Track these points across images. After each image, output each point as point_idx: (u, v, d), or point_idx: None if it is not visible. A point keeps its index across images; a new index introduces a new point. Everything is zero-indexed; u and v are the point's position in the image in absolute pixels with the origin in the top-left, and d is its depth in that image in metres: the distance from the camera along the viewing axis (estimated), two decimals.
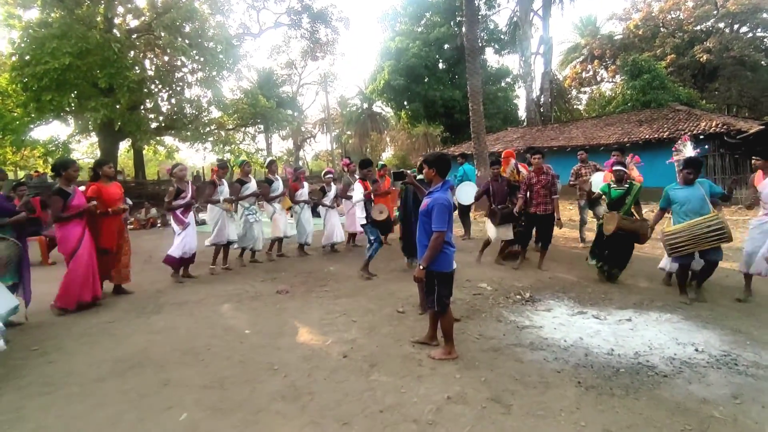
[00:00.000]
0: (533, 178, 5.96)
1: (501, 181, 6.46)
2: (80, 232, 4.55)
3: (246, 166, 6.79)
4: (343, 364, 3.27)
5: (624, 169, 5.42)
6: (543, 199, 5.91)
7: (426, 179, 3.37)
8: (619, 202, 5.29)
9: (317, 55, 20.03)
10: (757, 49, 27.22)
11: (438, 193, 3.20)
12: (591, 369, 3.13)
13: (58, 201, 4.44)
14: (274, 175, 7.25)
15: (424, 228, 3.25)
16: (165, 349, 3.58)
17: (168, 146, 21.46)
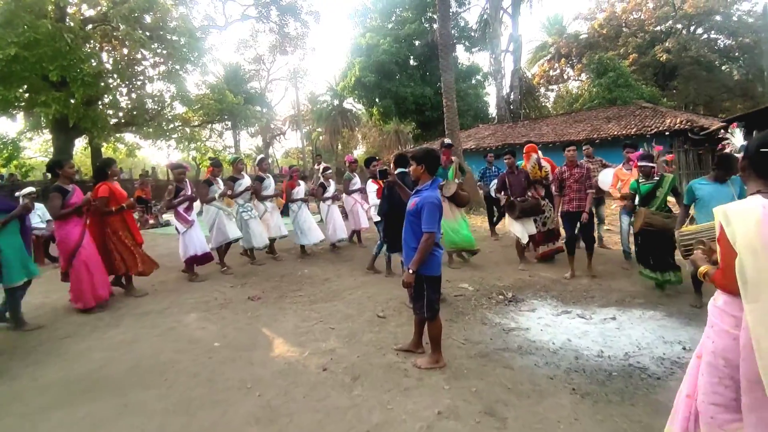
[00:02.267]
0: (566, 172, 5.56)
1: (517, 172, 6.11)
2: (81, 231, 4.48)
3: (239, 163, 6.69)
4: (323, 379, 3.03)
5: (651, 164, 4.89)
6: (577, 194, 5.46)
7: (413, 177, 3.14)
8: (649, 196, 4.81)
9: (287, 50, 19.47)
10: (711, 50, 28.52)
11: (427, 192, 2.99)
12: (583, 373, 3.01)
13: (57, 198, 4.35)
14: (265, 173, 7.04)
15: (411, 229, 3.02)
16: (124, 368, 3.23)
17: (128, 143, 20.46)
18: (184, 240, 5.74)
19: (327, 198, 7.47)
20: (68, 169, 4.53)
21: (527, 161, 6.31)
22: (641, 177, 4.93)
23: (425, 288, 3.03)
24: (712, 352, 1.68)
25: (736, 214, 1.54)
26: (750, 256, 1.44)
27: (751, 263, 1.44)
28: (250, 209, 6.63)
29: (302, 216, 7.19)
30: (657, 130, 13.08)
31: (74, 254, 4.43)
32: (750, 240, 1.45)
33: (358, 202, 7.71)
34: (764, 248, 1.42)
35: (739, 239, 1.48)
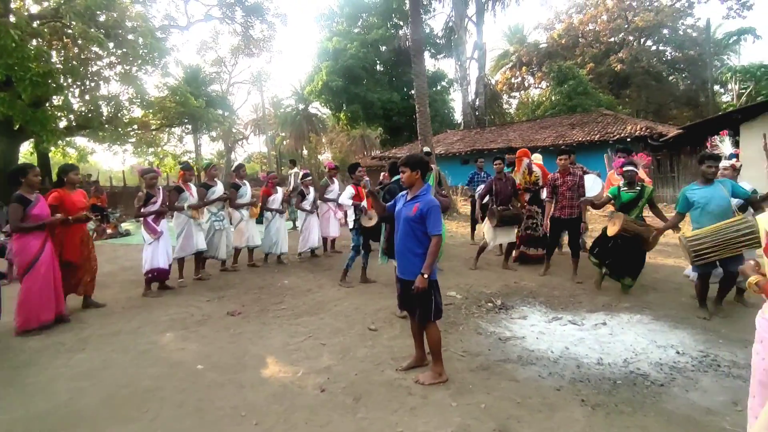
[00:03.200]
0: (558, 179, 5.60)
1: (505, 180, 6.09)
2: (40, 245, 4.16)
3: (213, 169, 6.44)
4: (323, 401, 2.83)
5: (635, 169, 4.93)
6: (568, 202, 5.51)
7: (407, 183, 3.06)
8: (630, 205, 4.87)
9: (252, 51, 18.92)
10: (660, 61, 30.35)
11: (427, 197, 2.99)
12: (588, 383, 2.97)
13: (17, 209, 4.08)
14: (242, 180, 6.74)
15: (414, 235, 2.96)
16: (96, 400, 2.89)
17: (80, 148, 19.22)
18: (148, 251, 5.34)
19: (305, 207, 7.27)
20: (32, 177, 4.23)
21: (519, 166, 6.31)
22: (623, 184, 4.98)
23: (432, 291, 2.97)
24: (764, 370, 1.63)
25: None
26: None
27: None
28: (222, 218, 6.34)
29: (275, 225, 6.97)
30: (619, 137, 13.66)
31: (30, 267, 4.10)
32: None
33: (331, 210, 7.58)
34: None
35: None
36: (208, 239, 6.16)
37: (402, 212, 3.04)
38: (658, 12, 27.63)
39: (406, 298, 3.09)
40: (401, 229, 3.03)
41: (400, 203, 3.15)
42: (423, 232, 2.92)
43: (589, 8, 31.41)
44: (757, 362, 1.68)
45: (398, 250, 3.08)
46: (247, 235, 6.77)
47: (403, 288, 3.10)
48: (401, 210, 3.07)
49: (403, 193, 3.21)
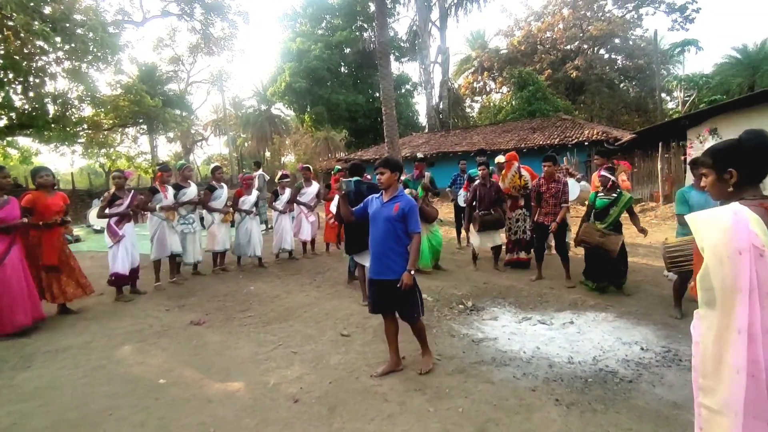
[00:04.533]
0: (542, 186, 5.54)
1: (489, 186, 6.09)
2: (5, 248, 4.06)
3: (186, 170, 6.25)
4: (297, 413, 2.71)
5: (610, 176, 4.91)
6: (552, 209, 5.49)
7: (386, 184, 3.10)
8: (603, 212, 4.87)
9: (212, 50, 18.30)
10: (612, 68, 31.90)
11: (405, 197, 3.12)
12: (562, 383, 3.00)
13: None
14: (219, 183, 6.55)
15: (396, 234, 3.03)
16: (43, 423, 2.64)
17: (23, 148, 17.97)
18: (109, 255, 5.22)
19: (278, 207, 7.25)
20: (1, 179, 4.10)
21: (509, 170, 6.30)
22: (601, 190, 5.00)
23: (416, 288, 3.07)
24: None
25: (704, 221, 1.49)
26: (716, 264, 1.40)
27: (716, 271, 1.40)
28: (192, 221, 6.13)
29: (245, 227, 6.78)
30: (577, 141, 14.21)
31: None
32: (716, 248, 1.41)
33: (303, 213, 7.54)
34: (730, 257, 1.38)
35: (706, 246, 1.44)
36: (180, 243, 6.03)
37: (381, 213, 3.05)
38: (611, 22, 29.04)
39: (386, 299, 3.08)
40: (381, 230, 3.04)
41: (374, 204, 3.13)
42: (403, 231, 3.02)
43: (547, 17, 32.58)
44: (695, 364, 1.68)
45: (377, 251, 3.06)
46: (219, 239, 6.60)
47: (381, 289, 3.07)
48: (379, 211, 3.07)
49: (374, 195, 3.19)
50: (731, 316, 1.38)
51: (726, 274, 1.38)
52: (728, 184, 1.57)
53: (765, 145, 1.55)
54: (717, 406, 1.42)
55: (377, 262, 3.07)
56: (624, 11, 30.23)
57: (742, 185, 1.56)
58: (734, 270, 1.37)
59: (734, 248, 1.37)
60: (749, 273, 1.35)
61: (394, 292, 3.00)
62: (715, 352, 1.42)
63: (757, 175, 1.56)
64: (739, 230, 1.39)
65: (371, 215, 3.12)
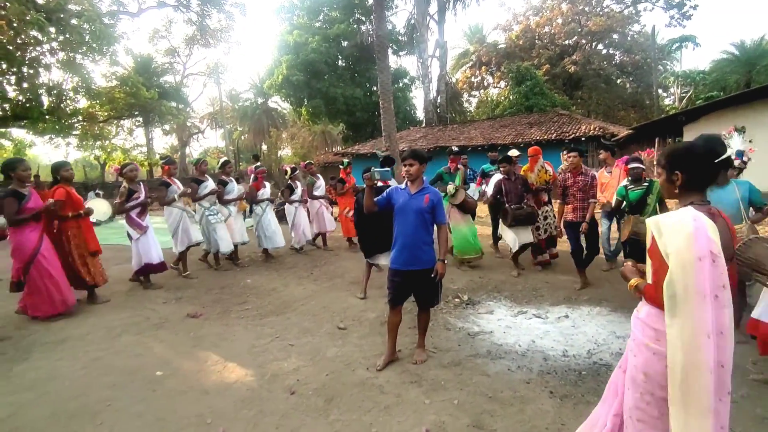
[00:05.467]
0: (568, 179, 5.13)
1: (515, 179, 5.81)
2: (38, 237, 4.27)
3: (203, 164, 6.42)
4: (294, 404, 2.74)
5: (641, 165, 4.65)
6: (580, 204, 5.09)
7: (415, 176, 3.14)
8: (640, 204, 4.57)
9: (209, 42, 18.15)
10: (610, 64, 31.91)
11: (432, 188, 3.20)
12: (556, 375, 3.04)
13: (12, 203, 4.13)
14: (229, 177, 6.65)
15: (426, 225, 3.13)
16: (42, 414, 2.66)
17: (16, 140, 17.82)
18: (137, 247, 5.30)
19: (294, 200, 7.40)
20: (21, 172, 4.25)
21: (534, 164, 6.04)
22: (629, 181, 4.71)
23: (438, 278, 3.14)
24: (634, 366, 1.66)
25: (668, 226, 1.51)
26: (680, 271, 1.42)
27: (681, 277, 1.42)
28: (216, 212, 6.27)
29: (266, 219, 6.93)
30: (574, 136, 14.24)
31: (31, 261, 4.20)
32: (681, 254, 1.43)
33: (323, 206, 7.67)
34: (693, 263, 1.40)
35: (671, 252, 1.46)
36: (206, 234, 6.22)
37: (410, 204, 3.11)
38: (609, 17, 29.00)
39: (410, 289, 3.22)
40: (412, 221, 3.10)
41: (400, 196, 3.17)
42: (431, 222, 3.13)
43: (546, 11, 32.50)
44: (630, 359, 1.71)
45: (408, 242, 3.12)
46: (236, 231, 6.66)
47: (408, 280, 3.16)
48: (408, 202, 3.12)
49: (396, 186, 3.23)
50: (701, 321, 1.40)
51: (689, 281, 1.40)
52: (674, 186, 1.63)
53: (713, 152, 1.59)
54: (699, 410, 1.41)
55: (407, 253, 3.12)
56: (622, 6, 30.18)
57: (688, 189, 1.61)
58: (697, 276, 1.39)
59: (696, 255, 1.40)
60: (709, 278, 1.39)
61: (421, 281, 3.13)
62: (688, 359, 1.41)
63: (702, 181, 1.60)
64: (700, 237, 1.41)
65: (399, 207, 3.15)
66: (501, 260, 6.52)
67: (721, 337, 1.40)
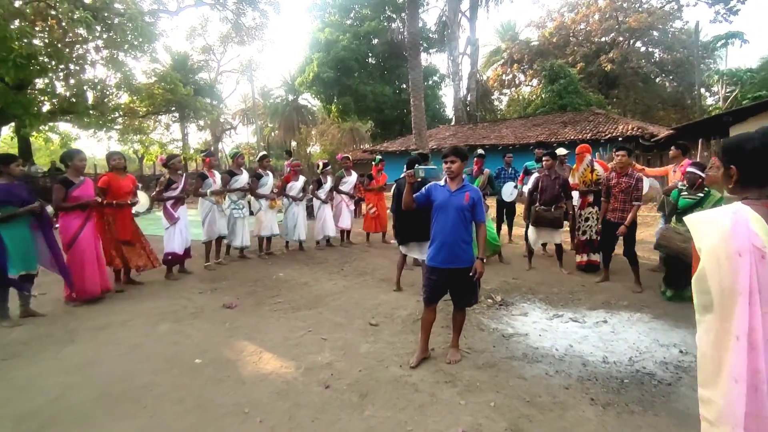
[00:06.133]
0: (613, 179, 5.07)
1: (554, 177, 5.64)
2: (80, 224, 4.51)
3: (239, 158, 6.56)
4: (328, 398, 2.75)
5: (697, 172, 4.40)
6: (621, 205, 5.01)
7: (455, 173, 3.13)
8: (686, 213, 4.17)
9: (244, 39, 18.52)
10: (649, 62, 30.71)
11: (472, 186, 3.21)
12: (596, 382, 2.94)
13: (60, 190, 4.44)
14: (265, 170, 6.81)
15: (465, 223, 3.10)
16: (89, 396, 2.76)
17: (63, 133, 18.65)
18: (165, 236, 5.52)
19: (320, 195, 7.46)
20: (78, 162, 4.58)
21: (580, 163, 5.86)
22: (685, 187, 4.50)
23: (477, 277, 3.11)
24: None
25: (703, 221, 1.40)
26: (714, 266, 1.31)
27: (714, 274, 1.31)
28: (242, 207, 6.42)
29: (292, 212, 7.09)
30: (610, 136, 13.78)
31: (71, 244, 4.45)
32: (714, 249, 1.32)
33: (344, 201, 7.72)
34: (728, 259, 1.28)
35: (703, 248, 1.35)
36: (228, 227, 6.33)
37: (451, 202, 3.09)
38: (650, 13, 27.90)
39: (448, 287, 3.21)
40: (452, 219, 3.08)
41: (440, 193, 3.15)
42: (470, 220, 3.12)
43: (582, 7, 31.57)
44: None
45: (448, 240, 3.09)
46: (266, 224, 6.81)
47: (446, 278, 3.14)
48: (448, 200, 3.10)
49: (436, 183, 3.21)
50: (730, 320, 1.29)
51: (724, 277, 1.29)
52: (731, 182, 1.49)
53: None
54: (714, 417, 1.32)
55: (447, 251, 3.09)
56: (664, 2, 28.98)
57: (744, 185, 1.46)
58: (733, 272, 1.27)
59: (733, 249, 1.28)
60: (749, 275, 1.26)
61: (459, 280, 3.12)
62: (714, 360, 1.33)
63: (759, 176, 1.43)
64: (739, 231, 1.29)
65: (438, 204, 3.13)
66: (537, 262, 6.30)
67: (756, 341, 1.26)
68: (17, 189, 4.06)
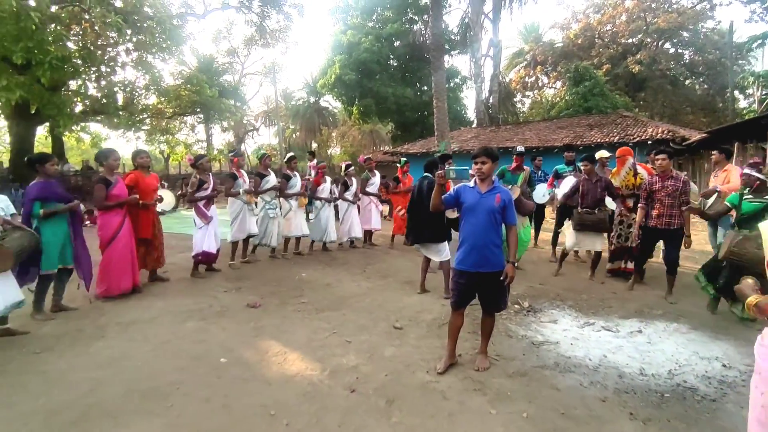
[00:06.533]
0: (656, 183, 4.78)
1: (596, 181, 5.42)
2: (120, 221, 4.67)
3: (266, 159, 6.64)
4: (355, 403, 2.69)
5: (756, 174, 4.06)
6: (667, 210, 4.68)
7: (486, 174, 3.04)
8: (752, 219, 3.86)
9: (268, 42, 18.75)
10: (678, 64, 29.80)
11: (502, 187, 3.14)
12: (635, 395, 2.80)
13: (101, 189, 4.57)
14: (293, 172, 6.88)
15: (496, 226, 3.02)
16: (118, 391, 2.78)
17: (93, 133, 19.24)
18: (198, 234, 5.58)
19: (348, 197, 7.47)
20: (112, 162, 4.72)
21: (621, 166, 5.61)
22: (748, 190, 4.14)
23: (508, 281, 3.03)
24: (763, 407, 1.38)
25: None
26: None
27: None
28: (275, 207, 6.53)
29: (324, 214, 7.13)
30: (639, 139, 13.38)
31: (110, 242, 4.60)
32: None
33: (373, 202, 7.72)
34: None
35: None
36: (261, 227, 6.40)
37: (482, 204, 3.00)
38: (681, 13, 27.08)
39: (477, 291, 3.12)
40: (483, 222, 2.99)
41: (469, 195, 3.07)
42: (500, 222, 3.03)
43: (608, 8, 30.87)
44: (755, 397, 1.42)
45: (478, 243, 3.01)
46: (296, 224, 6.86)
47: (475, 282, 3.06)
48: (479, 202, 3.02)
49: (465, 185, 3.13)
50: None
51: None
52: None
53: None
54: None
55: (477, 254, 3.01)
56: (695, 1, 28.10)
57: None
58: None
59: None
60: None
61: (489, 284, 3.03)
62: None
63: None
64: None
65: (468, 206, 3.05)
66: (565, 267, 6.11)
67: None
68: (55, 187, 4.20)
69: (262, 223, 6.42)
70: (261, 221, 6.42)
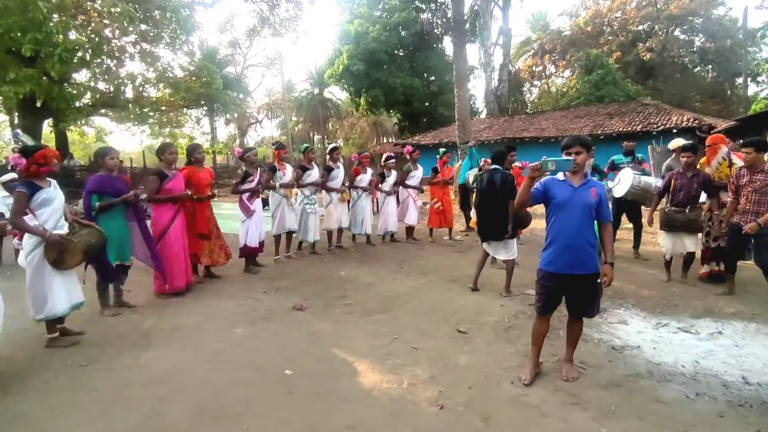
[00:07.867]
0: (743, 177, 4.32)
1: (693, 175, 4.89)
2: (171, 216, 4.52)
3: (310, 152, 6.53)
4: (447, 422, 2.44)
5: None
6: (755, 207, 4.20)
7: (579, 166, 2.75)
8: None
9: (278, 31, 18.30)
10: (688, 50, 29.34)
11: (595, 180, 2.89)
12: (752, 409, 2.55)
13: (154, 182, 4.47)
14: (336, 164, 6.63)
15: (591, 223, 2.76)
16: (185, 413, 2.51)
17: (97, 127, 18.90)
18: (242, 228, 5.51)
19: (384, 188, 7.25)
20: (169, 155, 4.60)
21: (712, 156, 5.01)
22: None
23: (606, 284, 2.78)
24: None
25: None
26: None
27: None
28: (314, 202, 6.32)
29: (360, 205, 6.88)
30: (663, 128, 13.05)
31: (161, 236, 4.48)
32: None
33: (411, 197, 7.36)
34: None
35: None
36: (300, 222, 6.23)
37: (576, 199, 2.72)
38: None
39: (567, 294, 2.86)
40: (578, 218, 2.72)
41: (561, 189, 2.76)
42: (594, 219, 2.78)
43: None
44: None
45: (573, 243, 2.73)
46: (336, 217, 6.67)
47: (566, 284, 2.80)
48: (573, 196, 2.73)
49: (553, 178, 2.81)
50: None
51: None
52: None
53: None
54: None
55: (570, 255, 2.73)
56: None
57: None
58: None
59: None
60: None
61: (581, 287, 2.79)
62: None
63: None
64: None
65: (559, 202, 2.75)
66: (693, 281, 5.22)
67: None
68: (114, 181, 4.11)
69: (300, 219, 6.22)
70: (299, 216, 6.22)
